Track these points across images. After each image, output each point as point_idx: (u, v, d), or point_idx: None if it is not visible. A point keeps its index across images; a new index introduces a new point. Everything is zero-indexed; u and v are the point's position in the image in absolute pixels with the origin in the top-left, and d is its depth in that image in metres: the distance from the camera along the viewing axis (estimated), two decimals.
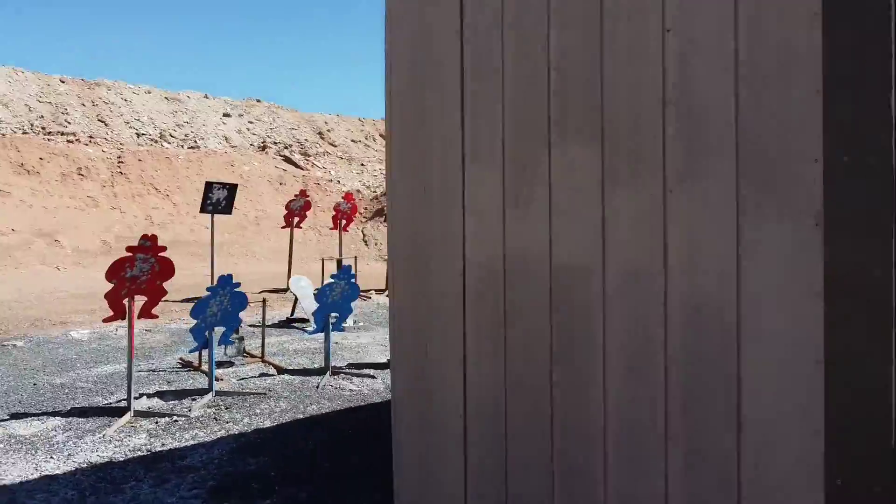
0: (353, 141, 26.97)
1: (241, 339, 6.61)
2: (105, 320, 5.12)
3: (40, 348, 7.14)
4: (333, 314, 6.31)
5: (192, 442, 4.56)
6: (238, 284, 5.43)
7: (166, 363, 6.66)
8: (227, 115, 24.75)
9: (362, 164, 24.40)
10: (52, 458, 4.23)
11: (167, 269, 4.99)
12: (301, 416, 5.13)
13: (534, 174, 2.38)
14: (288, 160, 22.82)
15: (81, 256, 14.95)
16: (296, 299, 8.63)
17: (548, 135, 2.32)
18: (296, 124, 26.17)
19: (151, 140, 21.30)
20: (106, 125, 21.14)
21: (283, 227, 11.62)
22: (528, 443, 2.45)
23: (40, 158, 17.40)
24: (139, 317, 5.11)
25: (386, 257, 16.98)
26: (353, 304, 6.48)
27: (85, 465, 4.14)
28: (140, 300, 5.09)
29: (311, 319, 8.41)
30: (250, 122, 25.07)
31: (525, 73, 2.40)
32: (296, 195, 11.91)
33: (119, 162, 18.67)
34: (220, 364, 6.46)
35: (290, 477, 4.02)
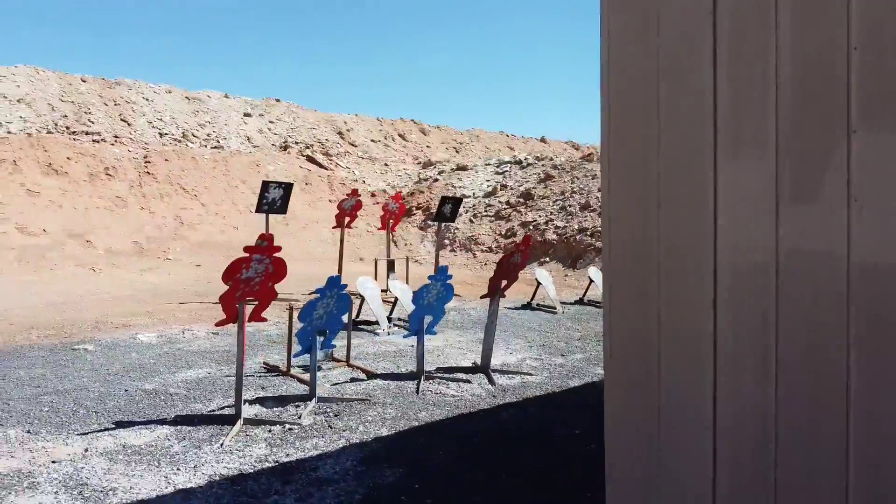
0: (372, 141, 26.76)
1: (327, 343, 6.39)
2: (218, 324, 4.90)
3: (112, 352, 6.91)
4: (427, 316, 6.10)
5: (315, 451, 4.35)
6: (345, 286, 5.21)
7: (248, 368, 6.43)
8: (247, 114, 24.52)
9: (386, 164, 24.18)
10: (178, 470, 4.02)
11: (280, 270, 4.77)
12: (417, 424, 4.91)
13: (825, 164, 2.16)
14: (311, 160, 22.60)
15: (114, 257, 14.71)
16: (362, 301, 8.41)
17: (847, 120, 2.10)
18: (316, 124, 25.95)
19: (175, 140, 21.06)
20: (129, 125, 20.90)
21: (335, 228, 11.39)
22: (807, 463, 2.23)
23: (67, 158, 17.16)
24: (250, 320, 4.89)
25: (418, 258, 16.63)
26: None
27: (217, 478, 3.93)
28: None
29: (380, 321, 8.21)
30: (271, 122, 24.85)
31: (811, 52, 2.18)
32: (347, 194, 11.69)
33: (146, 162, 18.44)
34: (308, 369, 6.25)
35: (435, 490, 3.81)
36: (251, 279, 4.72)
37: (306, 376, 5.96)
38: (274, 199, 9.80)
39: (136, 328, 8.04)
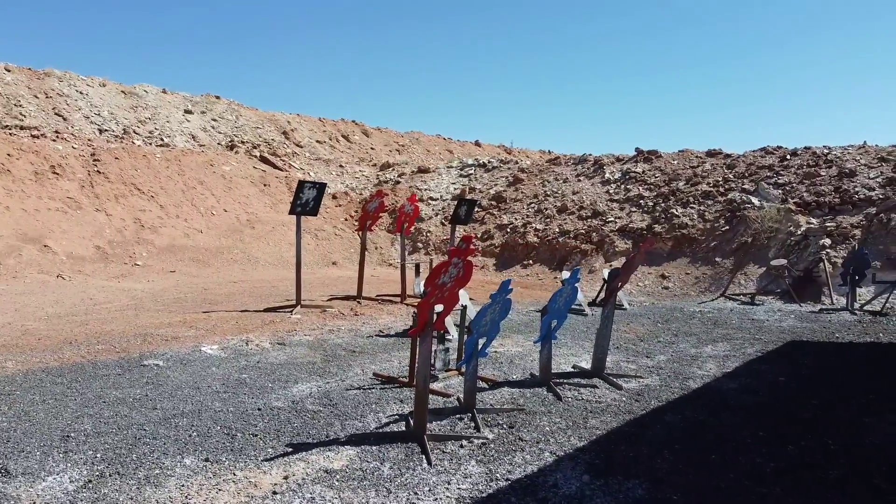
0: (318, 142, 26.03)
1: (447, 350, 6.09)
2: (412, 333, 4.53)
3: (190, 368, 6.28)
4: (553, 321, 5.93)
5: (532, 467, 4.12)
6: (511, 290, 4.96)
7: (353, 380, 6.03)
8: (188, 111, 23.20)
9: (341, 166, 23.54)
10: (417, 494, 3.68)
11: (468, 273, 4.48)
12: (600, 431, 4.74)
13: None
14: (266, 160, 21.67)
15: (79, 264, 13.48)
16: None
17: None
18: (259, 123, 24.93)
19: (116, 137, 19.60)
20: (65, 120, 19.27)
21: (357, 231, 10.91)
22: None
23: (8, 155, 15.58)
24: (435, 328, 4.56)
25: (392, 262, 16.30)
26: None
27: (468, 500, 3.62)
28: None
29: (449, 330, 7.92)
30: (214, 120, 23.64)
31: None
32: (372, 195, 11.25)
33: (95, 160, 17.03)
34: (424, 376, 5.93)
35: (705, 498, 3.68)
36: (444, 284, 4.40)
37: (435, 386, 5.67)
38: (308, 199, 9.26)
39: (189, 340, 7.36)
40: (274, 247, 16.89)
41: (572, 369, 6.62)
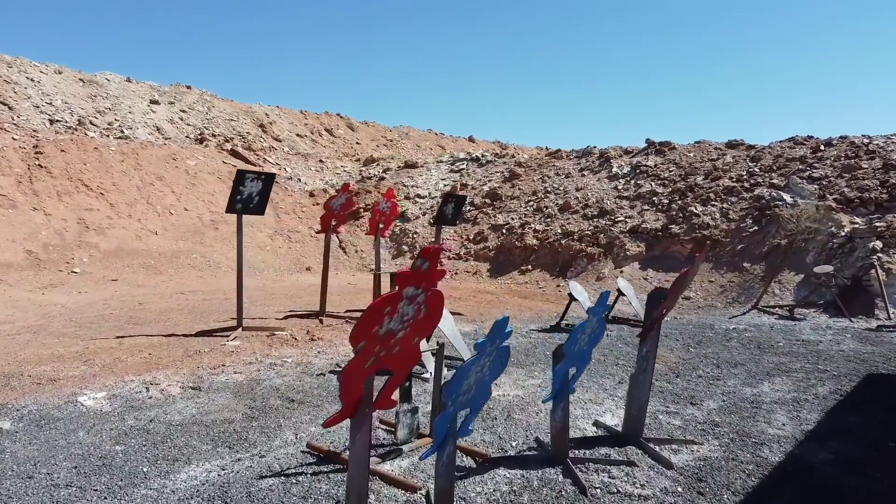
0: (298, 136, 24.08)
1: (415, 410, 4.16)
2: (329, 423, 2.61)
3: (47, 433, 4.36)
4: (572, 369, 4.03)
5: None
6: (510, 333, 3.04)
7: (277, 455, 4.11)
8: (154, 101, 21.23)
9: (321, 161, 21.59)
10: None
11: (435, 312, 2.57)
12: None
13: None
14: (236, 154, 19.71)
15: (4, 271, 11.52)
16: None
17: None
18: (234, 115, 22.97)
19: (69, 128, 17.62)
20: (11, 108, 17.28)
21: (319, 232, 8.99)
22: None
23: None
24: (378, 406, 2.65)
25: (372, 267, 14.42)
26: None
27: None
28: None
29: (462, 353, 6.04)
30: (183, 112, 21.67)
31: None
32: (337, 191, 9.34)
33: (37, 153, 15.06)
34: (385, 454, 4.01)
35: None
36: (392, 333, 2.49)
37: (387, 468, 3.76)
38: (251, 194, 7.33)
39: (70, 383, 5.43)
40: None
41: (595, 429, 4.71)
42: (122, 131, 18.71)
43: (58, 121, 17.78)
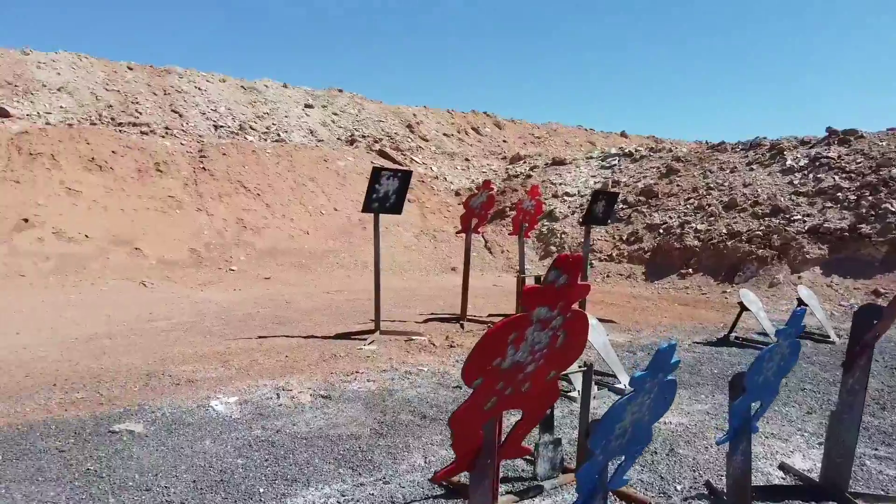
0: (445, 135, 24.01)
1: (558, 442, 3.55)
2: (438, 477, 2.10)
3: (174, 439, 4.20)
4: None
5: None
6: (677, 364, 2.35)
7: (401, 482, 3.65)
8: (309, 105, 22.01)
9: (466, 160, 21.37)
10: None
11: (578, 340, 1.96)
12: None
13: None
14: (384, 154, 19.92)
15: (168, 269, 12.20)
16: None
17: None
18: (383, 116, 23.32)
19: (231, 133, 18.62)
20: (181, 116, 18.52)
21: (459, 233, 8.59)
22: None
23: (113, 152, 14.78)
24: (507, 456, 2.09)
25: (517, 267, 13.86)
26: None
27: None
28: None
29: (617, 374, 5.38)
30: (335, 114, 22.29)
31: None
32: (477, 188, 8.89)
33: (201, 157, 15.97)
34: (523, 491, 3.42)
35: None
36: (520, 366, 1.91)
37: None
38: (387, 192, 7.02)
39: (206, 385, 5.34)
40: (386, 250, 14.92)
41: (782, 475, 3.85)
42: (278, 135, 19.50)
43: (221, 126, 18.83)
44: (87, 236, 12.38)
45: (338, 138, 20.86)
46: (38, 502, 3.32)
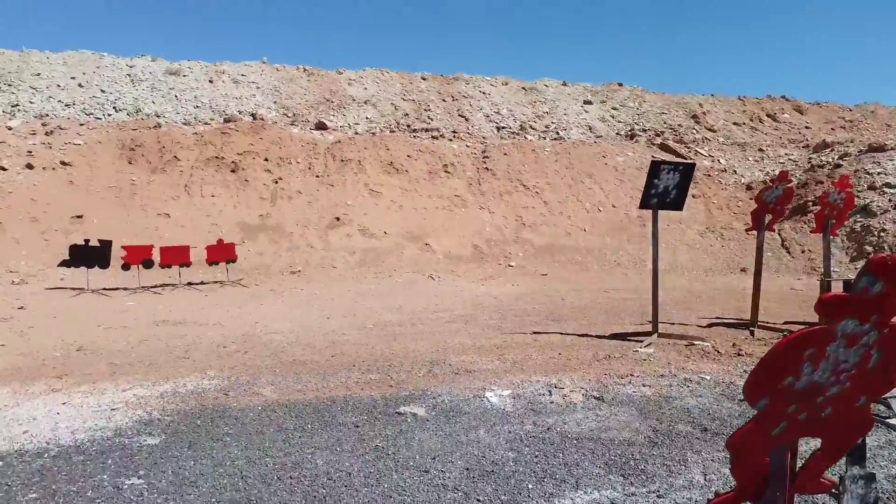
0: (735, 124, 22.19)
1: (871, 477, 3.01)
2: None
3: (450, 426, 4.41)
4: None
5: None
6: None
7: (675, 499, 3.37)
8: (587, 102, 21.92)
9: (760, 150, 19.54)
10: None
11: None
12: None
13: None
14: (666, 148, 19.05)
15: (453, 263, 13.05)
16: None
17: None
18: (665, 108, 22.30)
19: (512, 133, 19.29)
20: (466, 120, 19.69)
21: (750, 230, 7.86)
22: None
23: (408, 156, 16.23)
24: (798, 491, 1.79)
25: (821, 269, 12.19)
26: None
27: None
28: None
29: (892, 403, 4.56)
30: (614, 109, 21.89)
31: None
32: (771, 180, 8.08)
33: (484, 157, 16.79)
34: None
35: None
36: (819, 388, 1.61)
37: None
38: (666, 187, 6.65)
39: (482, 376, 5.55)
40: (666, 249, 14.26)
41: None
42: (557, 133, 19.72)
43: (503, 127, 19.60)
44: (385, 233, 13.75)
45: (616, 133, 20.44)
46: (335, 470, 3.70)
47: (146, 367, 6.01)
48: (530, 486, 3.49)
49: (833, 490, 2.59)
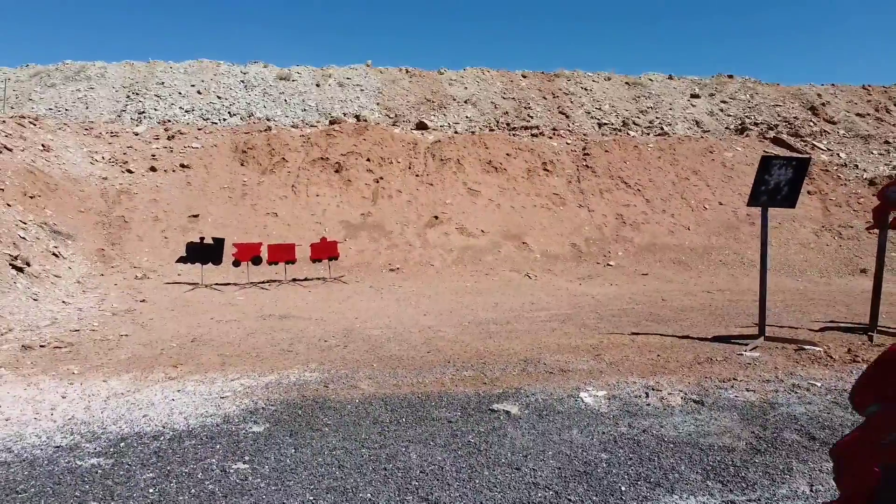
0: (858, 115, 20.74)
1: None
2: None
3: (544, 424, 4.39)
4: None
5: None
6: None
7: (783, 501, 3.21)
8: (695, 95, 21.11)
9: (887, 143, 18.19)
10: None
11: None
12: None
13: None
14: (779, 141, 18.07)
15: (550, 262, 12.93)
16: None
17: None
18: (779, 100, 21.15)
19: (614, 129, 18.88)
20: (567, 117, 19.44)
21: (870, 228, 7.36)
22: None
23: (507, 155, 16.21)
24: None
25: None
26: None
27: None
28: None
29: None
30: (723, 102, 20.98)
31: None
32: (889, 177, 7.52)
33: (584, 154, 16.52)
34: None
35: None
36: None
37: None
38: (778, 183, 6.31)
39: (577, 376, 5.49)
40: (777, 248, 13.55)
41: None
42: (661, 128, 19.11)
43: (605, 124, 19.20)
44: (483, 231, 13.81)
45: (726, 128, 19.59)
46: (428, 463, 3.78)
47: (253, 359, 6.33)
48: (623, 489, 3.43)
49: None
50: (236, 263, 11.25)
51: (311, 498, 3.37)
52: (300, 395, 5.10)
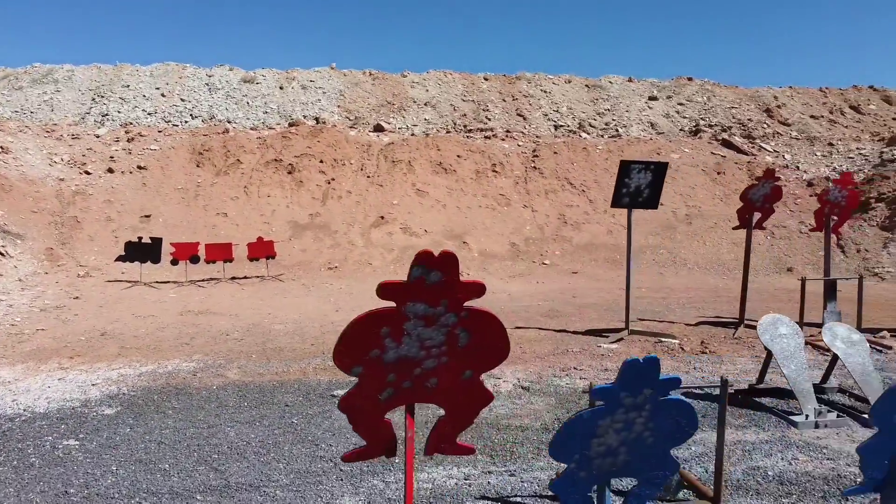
0: (812, 117, 21.15)
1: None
2: (346, 457, 2.22)
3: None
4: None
5: None
6: (675, 382, 2.02)
7: (538, 471, 3.61)
8: (652, 98, 21.51)
9: (830, 145, 18.60)
10: None
11: (487, 337, 1.87)
12: None
13: None
14: (727, 144, 18.48)
15: (487, 261, 13.32)
16: (768, 356, 4.83)
17: None
18: (735, 102, 21.56)
19: (569, 131, 19.27)
20: (524, 119, 19.83)
21: (737, 228, 7.77)
22: None
23: (458, 157, 16.61)
24: (438, 451, 2.11)
25: (879, 271, 11.58)
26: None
27: None
28: None
29: (800, 401, 4.58)
30: (680, 105, 21.38)
31: None
32: (757, 179, 7.96)
33: (534, 156, 16.92)
34: None
35: None
36: (412, 361, 1.92)
37: None
38: (638, 186, 6.73)
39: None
40: (710, 247, 13.96)
41: None
42: (616, 130, 19.51)
43: (561, 126, 19.60)
44: (426, 231, 14.20)
45: (680, 129, 19.99)
46: (240, 440, 4.16)
47: (149, 351, 6.71)
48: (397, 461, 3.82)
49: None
50: (174, 262, 11.63)
51: (116, 468, 3.75)
52: (167, 382, 5.49)
